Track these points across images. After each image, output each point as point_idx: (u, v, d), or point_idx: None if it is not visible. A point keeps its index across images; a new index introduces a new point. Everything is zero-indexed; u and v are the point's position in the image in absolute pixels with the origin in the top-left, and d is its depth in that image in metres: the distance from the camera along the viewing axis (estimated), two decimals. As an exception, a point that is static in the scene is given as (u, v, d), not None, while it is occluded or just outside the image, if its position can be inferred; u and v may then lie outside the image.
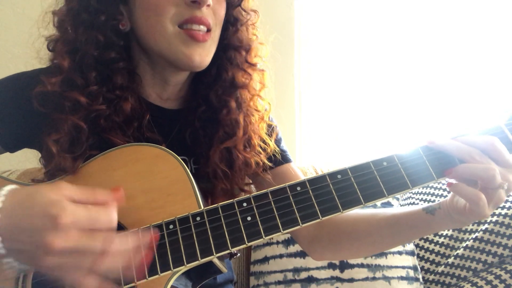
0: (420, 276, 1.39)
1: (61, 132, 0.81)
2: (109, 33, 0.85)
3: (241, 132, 0.93)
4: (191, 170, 0.93)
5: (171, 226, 0.71)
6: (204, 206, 0.74)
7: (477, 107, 1.61)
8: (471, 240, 1.32)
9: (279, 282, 1.40)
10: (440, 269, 1.37)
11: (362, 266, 1.37)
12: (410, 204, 1.52)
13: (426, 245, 1.44)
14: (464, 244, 1.34)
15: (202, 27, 0.84)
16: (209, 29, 0.85)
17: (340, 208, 0.71)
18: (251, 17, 0.96)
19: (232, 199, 0.73)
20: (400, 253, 1.40)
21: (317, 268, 1.39)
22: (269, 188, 0.73)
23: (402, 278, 1.36)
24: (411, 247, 1.42)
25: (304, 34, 1.80)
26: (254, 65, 0.96)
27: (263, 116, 0.98)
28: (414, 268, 1.39)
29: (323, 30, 1.80)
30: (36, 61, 0.90)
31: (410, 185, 0.72)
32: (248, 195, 0.73)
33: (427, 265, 1.41)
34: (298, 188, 0.72)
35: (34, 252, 0.56)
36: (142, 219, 0.73)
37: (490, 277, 1.22)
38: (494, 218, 1.31)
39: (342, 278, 1.37)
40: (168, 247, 0.70)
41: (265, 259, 1.45)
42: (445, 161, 0.74)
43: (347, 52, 1.79)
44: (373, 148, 1.79)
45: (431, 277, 1.39)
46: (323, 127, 1.86)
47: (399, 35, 1.73)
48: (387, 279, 1.35)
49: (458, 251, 1.34)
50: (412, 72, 1.74)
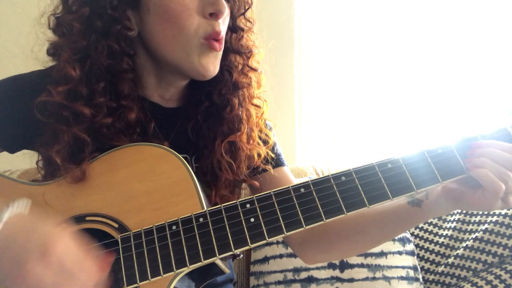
0: (420, 276, 1.39)
1: (62, 143, 0.80)
2: (123, 43, 0.83)
3: (244, 127, 0.95)
4: (193, 169, 0.93)
5: (174, 227, 0.71)
6: (207, 206, 0.75)
7: (481, 108, 1.61)
8: (471, 240, 1.33)
9: (279, 282, 1.40)
10: (440, 269, 1.37)
11: (362, 266, 1.37)
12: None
13: (426, 245, 1.44)
14: (464, 244, 1.34)
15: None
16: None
17: (344, 210, 0.71)
18: (253, 25, 0.98)
19: (235, 201, 0.73)
20: (400, 253, 1.40)
21: (317, 268, 1.39)
22: (273, 190, 0.73)
23: (402, 278, 1.36)
24: (411, 247, 1.42)
25: (304, 34, 1.80)
26: (255, 70, 0.99)
27: (263, 113, 1.01)
28: (414, 268, 1.39)
29: (323, 30, 1.80)
30: (36, 61, 0.89)
31: (415, 188, 0.72)
32: (251, 197, 0.73)
33: (427, 265, 1.41)
34: (302, 190, 0.72)
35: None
36: (145, 220, 0.73)
37: (490, 277, 1.22)
38: (494, 218, 1.31)
39: (342, 278, 1.37)
40: (171, 248, 0.70)
41: (265, 259, 1.45)
42: (451, 164, 0.74)
43: (347, 53, 1.79)
44: (373, 149, 1.79)
45: (431, 277, 1.39)
46: (323, 127, 1.86)
47: (400, 35, 1.73)
48: (387, 279, 1.35)
49: (458, 251, 1.35)
50: (413, 73, 1.74)
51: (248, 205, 0.72)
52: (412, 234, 1.48)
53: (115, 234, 0.72)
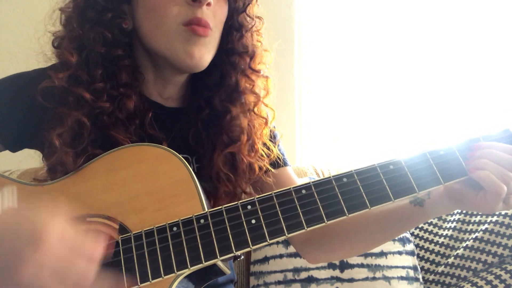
0: (420, 276, 1.39)
1: (65, 126, 0.81)
2: (116, 31, 0.85)
3: (245, 138, 0.93)
4: (194, 169, 0.93)
5: (175, 229, 0.71)
6: (207, 207, 0.74)
7: (483, 109, 1.60)
8: (471, 240, 1.33)
9: (279, 282, 1.40)
10: (440, 269, 1.37)
11: (362, 266, 1.37)
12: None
13: (426, 245, 1.44)
14: (464, 244, 1.34)
15: (202, 29, 0.84)
16: (209, 29, 0.85)
17: (346, 212, 0.70)
18: (256, 24, 0.96)
19: (237, 202, 0.72)
20: (400, 253, 1.40)
21: (317, 268, 1.39)
22: (274, 191, 0.73)
23: (402, 278, 1.36)
24: (411, 247, 1.42)
25: (304, 34, 1.80)
26: (258, 72, 0.96)
27: (267, 122, 0.98)
28: (414, 268, 1.39)
29: (323, 30, 1.80)
30: (36, 61, 0.90)
31: (417, 189, 0.72)
32: (253, 198, 0.72)
33: (427, 265, 1.42)
34: (303, 191, 0.72)
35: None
36: (145, 221, 0.73)
37: (490, 277, 1.23)
38: (494, 218, 1.31)
39: (342, 278, 1.37)
40: (172, 250, 0.69)
41: (265, 259, 1.45)
42: (453, 165, 0.74)
43: (347, 53, 1.79)
44: (373, 149, 1.79)
45: (431, 277, 1.39)
46: (323, 128, 1.86)
47: (400, 36, 1.73)
48: (387, 279, 1.35)
49: (458, 251, 1.35)
50: (413, 73, 1.74)
51: (249, 207, 0.72)
52: (412, 234, 1.48)
53: (116, 236, 0.72)
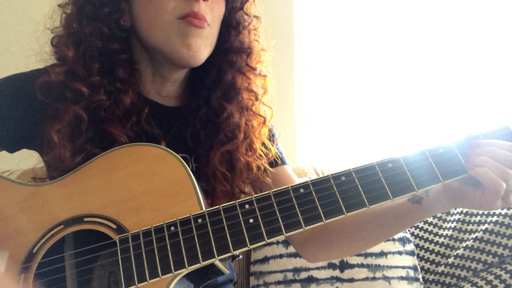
0: (420, 276, 1.39)
1: (63, 122, 0.82)
2: (113, 26, 0.86)
3: (242, 136, 0.93)
4: (192, 169, 0.93)
5: (173, 228, 0.71)
6: (205, 207, 0.74)
7: (483, 107, 1.60)
8: (471, 240, 1.32)
9: (279, 282, 1.40)
10: (440, 269, 1.37)
11: (362, 266, 1.37)
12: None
13: (426, 245, 1.44)
14: (464, 244, 1.34)
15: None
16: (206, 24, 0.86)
17: (344, 211, 0.70)
18: (253, 22, 0.96)
19: (234, 201, 0.72)
20: (400, 253, 1.40)
21: (317, 268, 1.39)
22: (272, 190, 0.73)
23: (402, 278, 1.36)
24: (411, 247, 1.42)
25: (304, 35, 1.80)
26: (255, 69, 0.96)
27: (265, 121, 0.98)
28: (414, 268, 1.39)
29: (323, 30, 1.79)
30: (36, 61, 0.90)
31: (416, 188, 0.71)
32: (251, 197, 0.72)
33: (427, 265, 1.41)
34: (301, 190, 0.72)
35: None
36: (143, 221, 0.73)
37: (490, 277, 1.22)
38: (494, 218, 1.31)
39: (342, 278, 1.37)
40: (169, 249, 0.69)
41: (265, 259, 1.45)
42: (452, 163, 0.74)
43: (347, 53, 1.79)
44: (374, 148, 1.78)
45: (431, 277, 1.39)
46: (323, 127, 1.86)
47: (400, 35, 1.72)
48: (387, 279, 1.35)
49: (458, 251, 1.34)
50: (413, 72, 1.73)
51: (247, 206, 0.71)
52: (412, 234, 1.48)
53: (113, 235, 0.72)
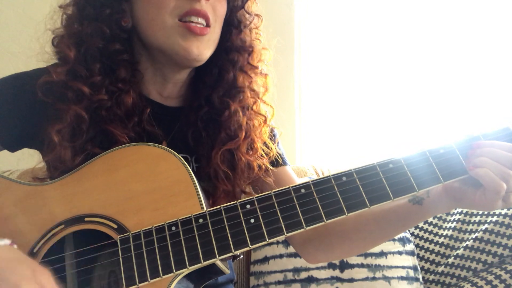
0: (420, 276, 1.39)
1: (64, 122, 0.82)
2: (114, 26, 0.86)
3: (243, 135, 0.93)
4: (193, 169, 0.93)
5: (174, 228, 0.71)
6: (206, 207, 0.74)
7: (484, 108, 1.60)
8: (471, 240, 1.33)
9: (279, 282, 1.40)
10: (440, 269, 1.37)
11: (362, 266, 1.37)
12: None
13: (426, 245, 1.44)
14: (464, 244, 1.34)
15: (201, 20, 0.84)
16: (208, 24, 0.86)
17: (345, 211, 0.70)
18: (254, 20, 0.97)
19: (235, 201, 0.72)
20: (400, 253, 1.40)
21: (317, 268, 1.39)
22: (273, 190, 0.73)
23: (402, 278, 1.36)
24: (411, 247, 1.42)
25: (304, 35, 1.80)
26: (256, 68, 0.96)
27: (266, 120, 0.98)
28: (414, 268, 1.39)
29: (323, 30, 1.79)
30: (36, 61, 0.90)
31: (417, 188, 0.72)
32: (252, 197, 0.72)
33: (427, 265, 1.41)
34: (303, 190, 0.72)
35: None
36: (144, 221, 0.73)
37: (490, 277, 1.22)
38: (494, 218, 1.31)
39: (342, 278, 1.37)
40: (170, 249, 0.69)
41: (265, 259, 1.45)
42: (453, 164, 0.74)
43: (347, 52, 1.79)
44: (374, 149, 1.78)
45: (431, 277, 1.39)
46: (323, 127, 1.86)
47: (400, 35, 1.72)
48: (387, 279, 1.35)
49: (458, 251, 1.35)
50: (413, 72, 1.73)
51: (248, 206, 0.71)
52: (412, 234, 1.48)
53: (114, 235, 0.72)
